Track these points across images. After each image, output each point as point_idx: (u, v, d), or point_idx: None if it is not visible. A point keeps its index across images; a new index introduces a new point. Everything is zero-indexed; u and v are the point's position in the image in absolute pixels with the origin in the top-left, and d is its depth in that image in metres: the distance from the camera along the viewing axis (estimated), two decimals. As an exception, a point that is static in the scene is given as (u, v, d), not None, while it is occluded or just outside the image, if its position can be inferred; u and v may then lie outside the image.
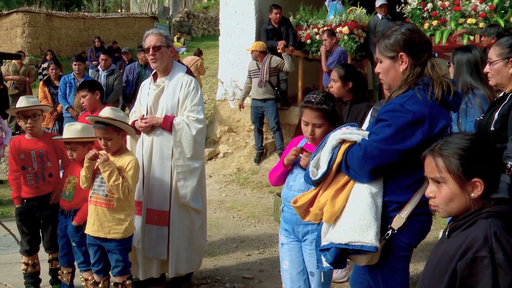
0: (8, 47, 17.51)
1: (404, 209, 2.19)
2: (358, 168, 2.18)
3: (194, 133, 3.86)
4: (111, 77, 8.61)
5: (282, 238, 2.95)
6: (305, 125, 2.77)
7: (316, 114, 2.70)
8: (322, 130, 2.72)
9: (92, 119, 3.46)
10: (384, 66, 2.34)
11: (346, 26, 8.04)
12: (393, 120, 2.13)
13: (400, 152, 2.12)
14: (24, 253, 3.97)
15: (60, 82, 8.01)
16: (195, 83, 3.98)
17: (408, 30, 2.29)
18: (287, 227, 2.88)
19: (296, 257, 2.86)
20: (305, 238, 2.81)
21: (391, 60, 2.30)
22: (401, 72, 2.28)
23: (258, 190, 7.39)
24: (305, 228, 2.78)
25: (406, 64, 2.26)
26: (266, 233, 5.61)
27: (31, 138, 3.96)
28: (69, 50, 18.70)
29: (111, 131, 3.37)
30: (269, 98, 7.79)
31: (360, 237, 2.14)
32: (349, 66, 4.17)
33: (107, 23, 20.78)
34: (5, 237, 5.45)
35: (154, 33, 3.89)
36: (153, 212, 3.89)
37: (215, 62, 13.20)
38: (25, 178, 3.89)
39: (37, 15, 17.94)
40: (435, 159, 1.73)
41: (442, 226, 3.89)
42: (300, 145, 2.90)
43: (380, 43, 2.34)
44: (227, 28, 9.00)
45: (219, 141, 8.99)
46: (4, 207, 6.76)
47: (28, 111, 3.87)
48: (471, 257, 1.57)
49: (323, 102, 2.72)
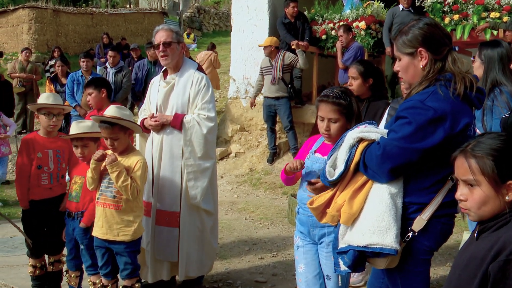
0: (15, 44, 17.70)
1: (425, 210, 2.17)
2: (376, 167, 2.16)
3: (205, 131, 3.87)
4: (120, 75, 8.66)
5: (298, 241, 2.94)
6: (321, 121, 2.77)
7: (332, 108, 2.71)
8: (338, 126, 2.72)
9: (97, 118, 3.47)
10: (403, 63, 2.33)
11: (363, 21, 8.00)
12: (413, 118, 2.11)
13: (420, 151, 2.10)
14: (32, 255, 3.99)
15: (68, 79, 8.08)
16: (206, 80, 3.99)
17: (426, 25, 2.27)
18: (303, 229, 2.88)
19: (312, 260, 2.86)
20: (322, 241, 2.81)
21: (409, 57, 2.29)
22: (421, 69, 2.27)
23: (271, 191, 7.39)
24: (321, 230, 2.77)
25: (425, 60, 2.25)
26: (279, 236, 5.61)
27: (47, 137, 3.95)
28: (76, 46, 18.85)
29: (117, 131, 3.38)
30: (282, 96, 7.77)
31: (379, 239, 2.12)
32: (367, 62, 4.16)
33: (116, 19, 20.91)
34: (11, 238, 5.51)
35: (165, 29, 3.90)
36: (163, 213, 3.91)
37: (226, 58, 13.22)
38: (39, 178, 3.87)
39: (44, 11, 18.10)
40: (467, 160, 1.70)
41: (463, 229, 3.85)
42: (316, 144, 2.89)
43: (397, 40, 2.34)
44: (239, 24, 9.01)
45: (231, 140, 9.00)
46: (11, 208, 6.84)
47: (55, 109, 3.88)
48: (504, 259, 1.55)
49: (339, 96, 2.73)
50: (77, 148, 3.68)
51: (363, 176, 2.26)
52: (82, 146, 3.65)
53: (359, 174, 2.28)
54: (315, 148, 2.88)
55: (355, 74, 3.96)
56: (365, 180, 2.26)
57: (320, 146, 2.87)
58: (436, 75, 2.22)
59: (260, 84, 8.09)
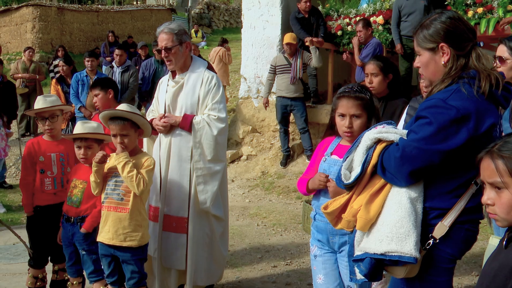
0: (18, 43, 17.90)
1: (447, 216, 2.14)
2: (395, 170, 2.14)
3: (215, 133, 3.87)
4: (126, 74, 8.69)
5: (315, 250, 2.90)
6: (341, 118, 2.74)
7: (355, 103, 2.70)
8: (361, 122, 2.71)
9: (109, 113, 3.45)
10: (424, 59, 2.31)
11: (381, 15, 7.96)
12: (435, 117, 2.08)
13: (442, 152, 2.07)
14: (34, 265, 4.00)
15: (72, 79, 8.13)
16: (217, 79, 3.99)
17: (449, 18, 2.25)
18: (321, 237, 2.85)
19: (332, 270, 2.83)
20: (342, 249, 2.78)
21: (430, 52, 2.27)
22: (442, 65, 2.25)
23: (284, 196, 7.38)
24: (342, 238, 2.74)
25: (447, 56, 2.23)
26: (293, 243, 5.59)
27: (51, 140, 4.00)
28: (81, 45, 19.03)
29: (129, 127, 3.41)
30: (299, 96, 7.79)
31: (398, 247, 2.10)
32: (384, 57, 4.15)
33: (122, 16, 21.06)
34: (14, 245, 5.56)
35: (165, 32, 3.88)
36: (171, 219, 3.92)
37: (237, 56, 13.23)
38: (42, 183, 3.91)
39: (48, 9, 18.29)
40: (495, 162, 1.66)
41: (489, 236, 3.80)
42: (332, 146, 2.87)
43: (418, 34, 2.31)
44: (250, 20, 9.01)
45: (242, 142, 9.01)
46: (14, 214, 6.90)
47: (45, 112, 3.91)
48: None
49: (361, 91, 2.72)
50: (79, 149, 3.70)
51: (381, 180, 2.24)
52: (86, 147, 3.68)
53: (376, 177, 2.26)
54: (331, 149, 2.85)
55: (375, 70, 3.93)
56: (383, 183, 2.24)
57: (337, 148, 2.84)
58: (459, 72, 2.20)
59: (270, 83, 8.09)
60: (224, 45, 12.59)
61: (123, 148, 3.37)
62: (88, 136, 3.67)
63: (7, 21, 18.73)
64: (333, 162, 2.78)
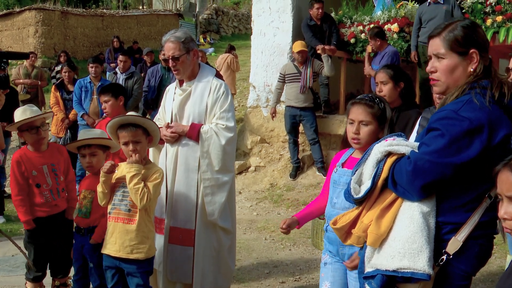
0: (20, 48, 18.07)
1: (460, 231, 2.16)
2: (407, 184, 2.17)
3: (224, 142, 3.91)
4: (130, 81, 8.69)
5: (326, 258, 2.96)
6: (351, 125, 2.79)
7: (364, 110, 2.75)
8: (369, 130, 2.74)
9: (120, 120, 3.46)
10: (451, 63, 2.27)
11: (396, 23, 8.00)
12: (447, 129, 2.10)
13: (455, 165, 2.09)
14: (33, 279, 4.03)
15: (75, 86, 8.18)
16: (225, 87, 4.04)
17: (474, 25, 2.28)
18: (332, 248, 2.89)
19: (340, 279, 2.86)
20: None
21: (460, 57, 2.25)
22: (469, 72, 2.25)
23: (294, 209, 7.38)
24: (351, 249, 2.77)
25: (476, 64, 2.24)
26: (302, 258, 5.61)
27: (38, 151, 4.01)
28: (85, 51, 19.21)
29: (140, 134, 3.44)
30: (308, 106, 7.83)
31: (410, 263, 2.11)
32: (396, 66, 4.17)
33: (127, 21, 21.26)
34: (13, 257, 5.61)
35: (171, 40, 3.91)
36: (177, 231, 3.95)
37: (246, 64, 13.31)
38: (40, 196, 3.96)
39: (52, 13, 18.50)
40: None
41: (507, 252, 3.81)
42: (343, 158, 2.91)
43: (442, 35, 2.28)
44: (260, 26, 9.07)
45: (250, 153, 9.04)
46: (13, 224, 6.95)
47: (37, 121, 3.92)
48: None
49: (373, 99, 2.76)
50: (84, 158, 3.75)
51: (392, 194, 2.26)
52: (90, 154, 3.73)
53: (387, 191, 2.28)
54: (342, 161, 2.90)
55: (385, 78, 3.97)
56: (393, 197, 2.26)
57: (348, 160, 2.89)
58: (472, 82, 2.22)
59: (279, 92, 8.12)
60: (231, 52, 12.68)
61: (136, 156, 3.37)
62: (91, 142, 3.71)
63: (8, 25, 18.95)
64: (343, 173, 2.83)
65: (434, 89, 2.40)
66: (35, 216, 3.98)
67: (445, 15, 7.37)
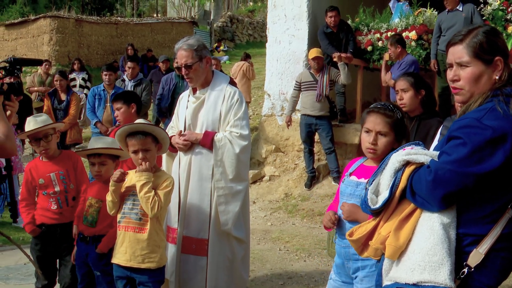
0: (34, 55, 18.32)
1: (482, 243, 2.12)
2: (427, 194, 2.14)
3: (238, 151, 3.91)
4: (139, 88, 8.65)
5: (332, 272, 2.99)
6: (367, 134, 2.78)
7: (383, 120, 2.73)
8: (386, 141, 2.73)
9: (129, 128, 3.46)
10: (476, 71, 2.23)
11: (414, 30, 7.97)
12: (469, 138, 2.07)
13: (477, 175, 2.06)
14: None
15: (89, 94, 8.25)
16: (239, 95, 4.04)
17: (495, 31, 2.27)
18: (338, 261, 2.90)
19: None
20: (356, 275, 2.81)
21: (486, 65, 2.22)
22: (494, 80, 2.22)
23: (308, 219, 7.36)
24: (355, 263, 2.78)
25: (501, 71, 2.21)
26: (317, 269, 5.57)
27: (48, 160, 4.07)
28: (99, 58, 19.41)
29: (150, 142, 3.44)
30: (324, 115, 7.80)
31: (431, 276, 2.08)
32: (416, 74, 4.15)
33: (142, 29, 21.46)
34: (25, 265, 5.64)
35: (184, 48, 3.92)
36: (191, 240, 3.95)
37: (261, 72, 13.33)
38: (48, 202, 4.00)
39: (66, 21, 18.74)
40: None
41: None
42: (353, 166, 2.90)
43: (466, 42, 2.24)
44: (275, 34, 9.09)
45: (265, 162, 9.03)
46: (25, 232, 6.99)
47: (38, 133, 3.95)
48: None
49: (392, 109, 2.74)
50: (93, 166, 3.77)
51: (410, 204, 2.23)
52: (99, 163, 3.74)
53: (405, 201, 2.25)
54: (352, 170, 2.89)
55: (406, 86, 3.94)
56: (412, 208, 2.22)
57: (358, 168, 2.87)
58: (495, 90, 2.19)
59: (295, 100, 8.10)
60: (247, 60, 12.73)
61: (146, 164, 3.37)
62: (101, 151, 3.72)
63: (23, 32, 19.22)
64: (349, 183, 2.82)
65: (456, 98, 2.36)
66: (41, 222, 4.01)
67: (464, 22, 7.34)
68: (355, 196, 2.76)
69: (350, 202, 2.76)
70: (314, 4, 8.73)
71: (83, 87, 11.60)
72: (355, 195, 2.76)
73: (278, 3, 9.03)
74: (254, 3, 32.22)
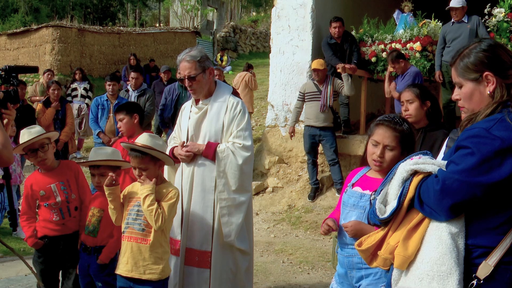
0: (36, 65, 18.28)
1: (491, 254, 2.12)
2: (435, 204, 2.14)
3: (241, 162, 3.91)
4: (142, 98, 8.70)
5: (333, 282, 3.00)
6: (374, 146, 2.79)
7: (392, 134, 2.75)
8: (393, 155, 2.75)
9: (128, 146, 3.56)
10: (467, 91, 2.31)
11: (418, 42, 8.00)
12: (477, 148, 2.08)
13: (485, 185, 2.07)
14: None
15: (92, 104, 8.28)
16: (242, 106, 4.04)
17: (490, 46, 2.28)
18: (341, 271, 2.92)
19: None
20: (359, 284, 2.82)
21: (474, 83, 2.28)
22: (488, 95, 2.25)
23: (312, 231, 7.34)
24: (358, 272, 2.79)
25: (493, 85, 2.24)
26: (321, 282, 5.55)
27: (47, 171, 4.04)
28: (101, 68, 19.47)
29: (148, 161, 3.45)
30: (328, 126, 7.80)
31: (439, 286, 2.08)
32: (421, 85, 4.17)
33: (144, 38, 21.54)
34: (26, 276, 5.62)
35: (186, 60, 3.93)
36: (194, 252, 3.93)
37: (264, 82, 13.38)
38: (50, 214, 3.98)
39: (68, 30, 18.82)
40: None
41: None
42: (356, 177, 2.90)
43: (457, 64, 2.33)
44: (279, 44, 9.12)
45: (268, 173, 9.03)
46: (26, 244, 6.98)
47: (34, 144, 3.91)
48: None
49: (401, 123, 2.75)
50: (94, 177, 3.79)
51: (419, 214, 2.24)
52: (99, 175, 3.75)
53: (413, 211, 2.26)
54: (354, 181, 2.91)
55: (411, 97, 3.96)
56: (420, 218, 2.23)
57: (361, 179, 2.89)
58: (504, 100, 2.20)
59: (298, 111, 8.12)
60: (249, 70, 12.78)
61: (141, 182, 3.42)
62: (98, 163, 3.73)
63: (25, 42, 19.31)
64: (352, 194, 2.84)
65: (462, 115, 2.43)
66: (43, 234, 4.00)
67: (469, 34, 7.36)
68: (358, 207, 2.78)
69: (353, 213, 2.78)
70: (318, 15, 8.78)
71: (84, 97, 11.63)
72: (359, 206, 2.78)
73: (282, 13, 9.07)
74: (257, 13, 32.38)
